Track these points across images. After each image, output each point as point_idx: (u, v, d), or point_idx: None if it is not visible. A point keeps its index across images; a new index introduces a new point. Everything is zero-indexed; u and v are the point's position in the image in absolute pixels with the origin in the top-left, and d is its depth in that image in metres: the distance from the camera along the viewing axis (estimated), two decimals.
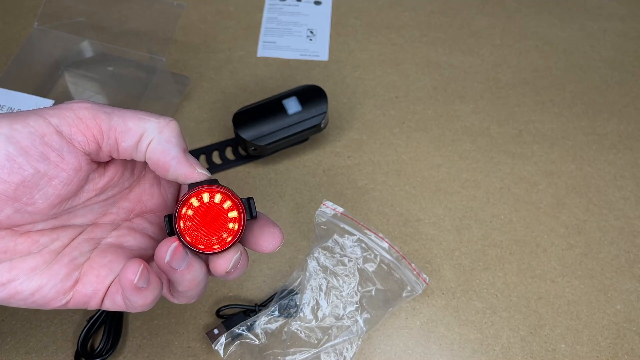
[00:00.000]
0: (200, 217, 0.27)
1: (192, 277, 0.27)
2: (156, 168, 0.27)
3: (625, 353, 0.42)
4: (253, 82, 0.56)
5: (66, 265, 0.27)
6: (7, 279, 0.26)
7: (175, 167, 0.26)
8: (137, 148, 0.26)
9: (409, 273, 0.43)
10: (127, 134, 0.26)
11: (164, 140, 0.26)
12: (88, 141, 0.25)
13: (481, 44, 0.60)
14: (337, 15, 0.62)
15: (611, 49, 0.60)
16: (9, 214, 0.25)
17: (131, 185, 0.30)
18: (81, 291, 0.28)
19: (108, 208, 0.30)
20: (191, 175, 0.27)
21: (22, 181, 0.24)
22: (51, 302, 0.27)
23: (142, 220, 0.31)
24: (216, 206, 0.27)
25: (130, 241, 0.30)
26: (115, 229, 0.30)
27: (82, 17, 0.53)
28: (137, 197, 0.30)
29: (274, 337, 0.41)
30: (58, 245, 0.28)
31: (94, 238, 0.29)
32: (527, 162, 0.52)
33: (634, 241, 0.48)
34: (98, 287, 0.28)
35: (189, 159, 0.27)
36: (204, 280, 0.28)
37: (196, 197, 0.27)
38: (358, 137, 0.52)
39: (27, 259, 0.27)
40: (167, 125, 0.26)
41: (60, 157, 0.25)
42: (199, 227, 0.27)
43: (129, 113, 0.26)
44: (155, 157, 0.26)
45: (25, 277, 0.26)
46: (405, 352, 0.42)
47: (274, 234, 0.28)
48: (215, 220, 0.27)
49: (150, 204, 0.31)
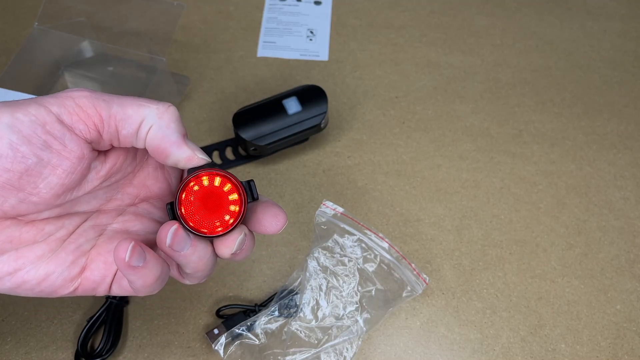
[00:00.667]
0: (201, 201, 0.27)
1: (197, 258, 0.27)
2: (156, 154, 0.27)
3: (625, 353, 0.42)
4: (253, 82, 0.56)
5: (72, 253, 0.28)
6: (13, 268, 0.26)
7: (175, 153, 0.27)
8: (137, 135, 0.26)
9: (409, 273, 0.43)
10: (127, 121, 0.26)
11: (164, 126, 0.26)
12: (89, 130, 0.25)
13: (481, 44, 0.60)
14: (337, 15, 0.62)
15: (611, 49, 0.60)
16: (14, 203, 0.25)
17: (134, 170, 0.30)
18: (89, 278, 0.28)
19: (112, 194, 0.30)
20: (191, 159, 0.27)
21: (25, 170, 0.24)
22: (58, 290, 0.27)
23: (147, 204, 0.31)
24: (216, 189, 0.27)
25: (136, 226, 0.30)
26: (121, 215, 0.30)
27: (82, 17, 0.53)
28: (141, 182, 0.30)
29: (274, 337, 0.41)
30: (63, 233, 0.28)
31: (99, 225, 0.29)
32: (527, 162, 0.52)
33: (634, 241, 0.48)
34: (106, 273, 0.28)
35: (189, 144, 0.27)
36: (211, 260, 0.28)
37: (196, 182, 0.27)
38: (358, 137, 0.52)
39: (33, 248, 0.27)
40: (166, 111, 0.26)
41: (62, 145, 0.25)
42: (200, 211, 0.27)
43: (127, 100, 0.26)
44: (155, 144, 0.26)
45: (32, 265, 0.26)
46: (405, 352, 0.42)
47: (277, 214, 0.29)
48: (217, 203, 0.27)
49: (154, 189, 0.31)
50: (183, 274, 0.29)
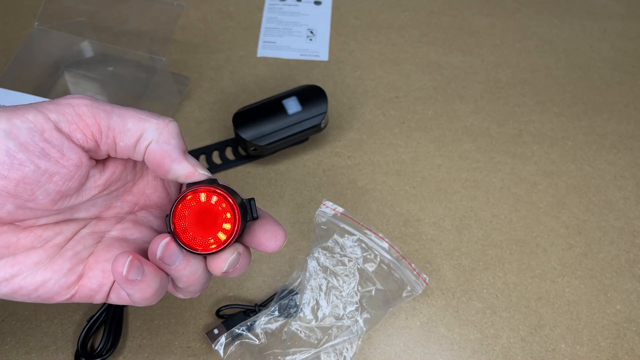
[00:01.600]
0: (196, 217, 0.27)
1: (189, 272, 0.27)
2: (156, 169, 0.27)
3: (625, 353, 0.42)
4: (253, 82, 0.56)
5: (70, 260, 0.27)
6: (10, 274, 0.26)
7: (175, 169, 0.26)
8: (135, 149, 0.26)
9: (409, 273, 0.43)
10: (125, 134, 0.26)
11: (163, 142, 0.26)
12: (87, 139, 0.25)
13: (481, 44, 0.60)
14: (337, 15, 0.62)
15: (611, 49, 0.60)
16: (10, 210, 0.25)
17: (134, 179, 0.30)
18: (87, 285, 0.28)
19: (112, 202, 0.29)
20: (192, 175, 0.27)
21: (22, 178, 0.24)
22: (55, 297, 0.27)
23: (146, 213, 0.31)
24: (212, 206, 0.27)
25: (135, 234, 0.29)
26: (120, 222, 0.30)
27: (82, 17, 0.53)
28: (141, 190, 0.30)
29: (274, 337, 0.41)
30: (61, 239, 0.28)
31: (97, 232, 0.29)
32: (527, 162, 0.52)
33: (634, 241, 0.48)
34: (104, 282, 0.28)
35: (190, 159, 0.27)
36: (203, 276, 0.28)
37: (193, 197, 0.27)
38: (358, 137, 0.52)
39: (30, 254, 0.26)
40: (166, 127, 0.26)
41: (60, 153, 0.25)
42: (194, 227, 0.27)
43: (128, 112, 0.26)
44: (155, 160, 0.26)
45: (29, 271, 0.26)
46: (405, 352, 0.42)
47: (277, 233, 0.28)
48: (212, 220, 0.27)
49: (154, 197, 0.30)
50: (176, 287, 0.29)
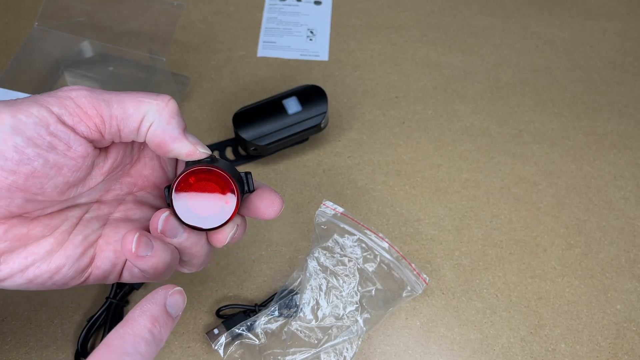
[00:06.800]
0: (195, 195, 0.27)
1: (190, 244, 0.28)
2: (157, 149, 0.27)
3: (625, 353, 0.42)
4: (253, 82, 0.56)
5: (81, 244, 0.28)
6: (24, 265, 0.27)
7: (176, 148, 0.27)
8: (138, 132, 0.27)
9: (409, 273, 0.43)
10: (128, 120, 0.26)
11: (164, 122, 0.27)
12: (91, 131, 0.26)
13: (481, 44, 0.60)
14: (337, 15, 0.62)
15: (611, 49, 0.60)
16: (20, 203, 0.25)
17: (132, 161, 0.30)
18: (100, 267, 0.28)
19: (111, 184, 0.30)
20: (192, 154, 0.27)
21: (32, 172, 0.24)
22: (70, 282, 0.28)
23: (146, 193, 0.31)
24: (211, 184, 0.27)
25: (137, 214, 0.30)
26: (122, 204, 0.30)
27: (82, 17, 0.53)
28: (138, 172, 0.31)
29: (274, 337, 0.41)
30: (68, 225, 0.28)
31: (102, 215, 0.30)
32: (527, 162, 0.52)
33: (634, 241, 0.48)
34: (116, 262, 0.29)
35: (190, 138, 0.27)
36: (205, 248, 0.29)
37: (192, 175, 0.27)
38: (358, 137, 0.52)
39: (41, 243, 0.27)
40: (166, 107, 0.27)
41: (67, 145, 0.25)
42: (194, 204, 0.27)
43: (127, 97, 0.26)
44: (157, 140, 0.27)
45: (42, 260, 0.27)
46: (405, 352, 0.42)
47: (273, 200, 0.29)
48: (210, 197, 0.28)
49: (152, 178, 0.31)
50: (180, 261, 0.30)
